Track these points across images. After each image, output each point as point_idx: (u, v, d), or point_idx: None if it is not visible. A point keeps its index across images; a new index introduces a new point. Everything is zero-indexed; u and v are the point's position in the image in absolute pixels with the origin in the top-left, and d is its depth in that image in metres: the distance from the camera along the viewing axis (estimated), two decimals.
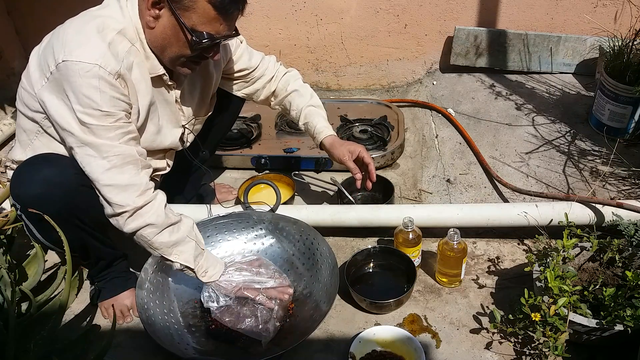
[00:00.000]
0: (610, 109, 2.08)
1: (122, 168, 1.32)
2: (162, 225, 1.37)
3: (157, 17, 1.32)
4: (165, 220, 1.37)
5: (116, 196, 1.32)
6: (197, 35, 1.30)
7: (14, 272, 1.56)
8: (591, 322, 1.35)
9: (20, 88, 1.40)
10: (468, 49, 2.54)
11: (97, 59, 1.26)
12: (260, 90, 1.75)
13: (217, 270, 1.48)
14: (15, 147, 1.51)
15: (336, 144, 1.69)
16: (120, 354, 1.52)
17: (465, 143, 2.23)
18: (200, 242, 1.45)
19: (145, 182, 1.37)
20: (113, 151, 1.31)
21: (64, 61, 1.25)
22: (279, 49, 2.67)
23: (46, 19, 1.37)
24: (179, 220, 1.42)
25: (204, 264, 1.45)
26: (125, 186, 1.32)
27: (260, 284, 1.50)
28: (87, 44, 1.28)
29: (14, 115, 2.55)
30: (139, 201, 1.33)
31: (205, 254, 1.46)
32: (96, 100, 1.27)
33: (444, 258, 1.61)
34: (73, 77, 1.25)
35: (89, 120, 1.28)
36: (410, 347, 1.44)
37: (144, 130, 1.46)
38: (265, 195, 1.85)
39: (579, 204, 1.69)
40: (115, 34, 1.31)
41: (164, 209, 1.38)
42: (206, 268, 1.46)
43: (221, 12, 1.29)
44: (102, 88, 1.27)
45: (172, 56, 1.37)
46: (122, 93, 1.32)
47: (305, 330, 1.44)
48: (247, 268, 1.53)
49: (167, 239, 1.38)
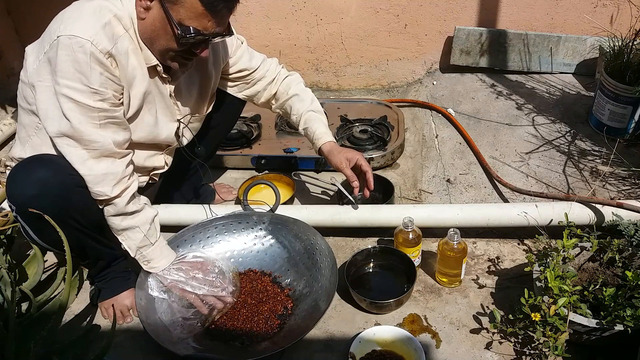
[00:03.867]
0: (610, 109, 2.08)
1: (100, 159, 1.37)
2: (119, 211, 1.43)
3: (147, 9, 1.34)
4: (124, 208, 1.42)
5: (95, 186, 1.38)
6: (183, 29, 1.31)
7: (14, 272, 1.56)
8: (591, 322, 1.35)
9: (19, 82, 1.42)
10: (468, 49, 2.54)
11: (90, 36, 1.28)
12: (260, 93, 1.75)
13: (160, 264, 1.52)
14: (15, 144, 1.52)
15: (334, 151, 1.68)
16: (120, 354, 1.52)
17: (465, 143, 2.23)
18: (150, 236, 1.49)
19: (122, 170, 1.41)
20: (92, 139, 1.34)
21: (59, 37, 1.27)
22: (279, 49, 2.67)
23: (46, 19, 1.38)
24: (137, 209, 1.46)
25: (148, 255, 1.50)
26: (103, 175, 1.37)
27: (192, 288, 1.52)
28: (82, 20, 1.30)
29: (14, 115, 2.55)
30: (115, 190, 1.39)
31: (153, 246, 1.50)
32: (87, 76, 1.29)
33: (444, 258, 1.61)
34: (65, 50, 1.27)
35: (75, 95, 1.30)
36: (410, 347, 1.44)
37: (139, 120, 1.48)
38: (265, 195, 1.85)
39: (579, 204, 1.69)
40: (112, 17, 1.33)
41: (129, 197, 1.43)
42: (150, 258, 1.51)
43: (209, 8, 1.30)
44: (92, 65, 1.29)
45: (161, 49, 1.39)
46: (113, 73, 1.33)
47: (304, 328, 1.45)
48: (185, 269, 1.54)
49: (118, 222, 1.45)
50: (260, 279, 1.66)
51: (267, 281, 1.65)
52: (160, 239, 1.53)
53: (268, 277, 1.67)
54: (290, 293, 1.63)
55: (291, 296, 1.62)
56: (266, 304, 1.58)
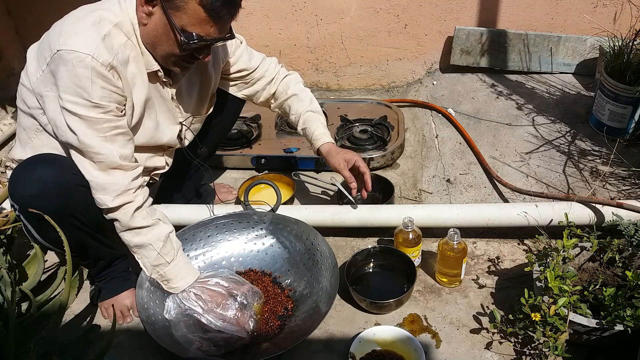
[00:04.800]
0: (610, 109, 2.08)
1: (107, 170, 1.36)
2: (125, 226, 1.40)
3: (149, 14, 1.33)
4: (129, 222, 1.39)
5: (97, 193, 1.38)
6: (186, 35, 1.31)
7: (14, 272, 1.56)
8: (591, 322, 1.35)
9: (19, 85, 1.42)
10: (468, 49, 2.54)
11: (90, 50, 1.27)
12: (260, 92, 1.75)
13: (179, 285, 1.45)
14: (15, 146, 1.52)
15: (332, 152, 1.68)
16: (120, 354, 1.52)
17: (465, 143, 2.23)
18: (165, 254, 1.42)
19: (127, 183, 1.38)
20: (96, 151, 1.34)
21: (59, 50, 1.27)
22: (279, 49, 2.67)
23: (46, 19, 1.38)
24: (148, 225, 1.41)
25: (165, 274, 1.44)
26: (107, 184, 1.36)
27: (208, 322, 1.44)
28: (81, 34, 1.29)
29: (14, 116, 2.55)
30: (116, 202, 1.37)
31: (170, 265, 1.43)
32: (87, 90, 1.28)
33: (444, 258, 1.61)
34: (66, 65, 1.27)
35: (77, 110, 1.30)
36: (410, 347, 1.44)
37: (141, 126, 1.47)
38: (265, 195, 1.85)
39: (579, 204, 1.69)
40: (112, 27, 1.32)
41: (133, 211, 1.38)
42: (168, 278, 1.45)
43: (212, 15, 1.29)
44: (93, 79, 1.28)
45: (163, 54, 1.39)
46: (115, 85, 1.33)
47: (305, 330, 1.44)
48: (204, 299, 1.45)
49: (130, 239, 1.42)
50: (261, 279, 1.65)
51: (268, 281, 1.65)
52: (179, 257, 1.46)
53: (268, 278, 1.67)
54: (291, 294, 1.63)
55: (291, 297, 1.62)
56: (266, 304, 1.58)
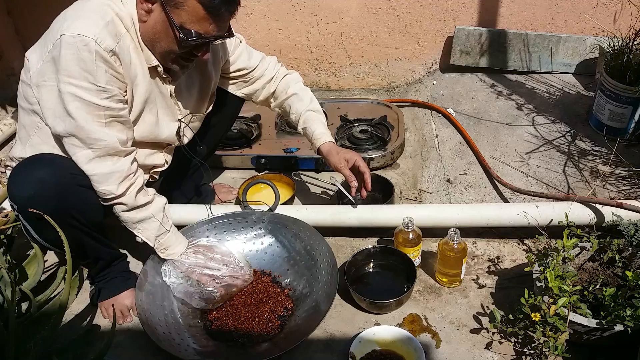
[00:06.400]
0: (610, 109, 2.08)
1: (105, 157, 1.38)
2: (131, 206, 1.44)
3: (149, 11, 1.34)
4: (134, 202, 1.44)
5: (100, 185, 1.39)
6: (185, 33, 1.32)
7: (14, 272, 1.56)
8: (591, 322, 1.35)
9: (20, 83, 1.42)
10: (468, 49, 2.54)
11: (94, 34, 1.28)
12: (259, 91, 1.75)
13: (176, 250, 1.55)
14: (15, 144, 1.52)
15: (333, 151, 1.68)
16: (120, 354, 1.52)
17: (465, 143, 2.23)
18: (165, 223, 1.51)
19: (127, 167, 1.42)
20: (97, 137, 1.35)
21: (62, 35, 1.27)
22: (279, 49, 2.67)
23: (46, 19, 1.38)
24: (149, 200, 1.48)
25: (164, 242, 1.52)
26: (108, 174, 1.38)
27: (211, 270, 1.56)
28: (84, 18, 1.30)
29: (14, 116, 2.55)
30: (121, 188, 1.40)
31: (169, 233, 1.53)
32: (93, 74, 1.29)
33: (444, 258, 1.61)
34: (70, 49, 1.27)
35: (82, 94, 1.30)
36: (410, 347, 1.44)
37: (141, 119, 1.48)
38: (264, 195, 1.85)
39: (579, 204, 1.69)
40: (114, 15, 1.33)
41: (136, 192, 1.44)
42: (167, 246, 1.53)
43: (211, 12, 1.30)
44: (97, 63, 1.29)
45: (162, 51, 1.39)
46: (117, 71, 1.34)
47: (305, 330, 1.45)
48: (203, 252, 1.58)
49: (134, 216, 1.46)
50: (260, 279, 1.66)
51: (267, 281, 1.65)
52: (172, 225, 1.56)
53: (268, 277, 1.67)
54: (290, 293, 1.63)
55: (291, 296, 1.62)
56: (266, 304, 1.58)
